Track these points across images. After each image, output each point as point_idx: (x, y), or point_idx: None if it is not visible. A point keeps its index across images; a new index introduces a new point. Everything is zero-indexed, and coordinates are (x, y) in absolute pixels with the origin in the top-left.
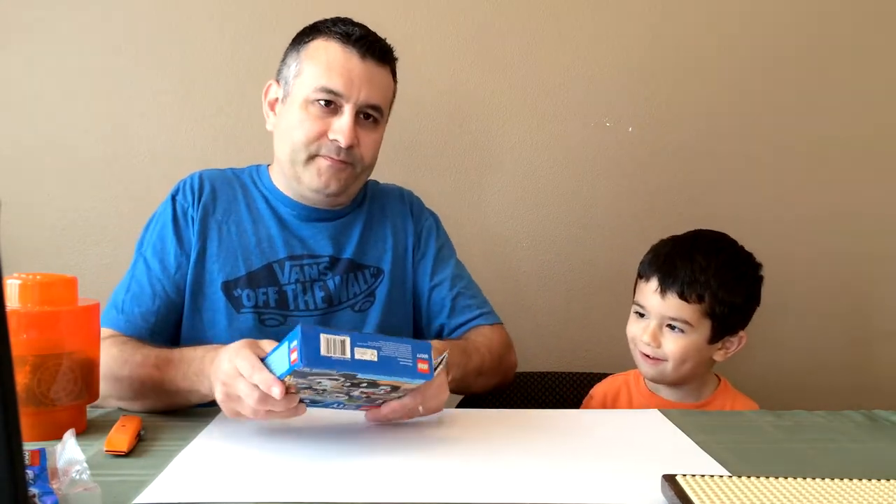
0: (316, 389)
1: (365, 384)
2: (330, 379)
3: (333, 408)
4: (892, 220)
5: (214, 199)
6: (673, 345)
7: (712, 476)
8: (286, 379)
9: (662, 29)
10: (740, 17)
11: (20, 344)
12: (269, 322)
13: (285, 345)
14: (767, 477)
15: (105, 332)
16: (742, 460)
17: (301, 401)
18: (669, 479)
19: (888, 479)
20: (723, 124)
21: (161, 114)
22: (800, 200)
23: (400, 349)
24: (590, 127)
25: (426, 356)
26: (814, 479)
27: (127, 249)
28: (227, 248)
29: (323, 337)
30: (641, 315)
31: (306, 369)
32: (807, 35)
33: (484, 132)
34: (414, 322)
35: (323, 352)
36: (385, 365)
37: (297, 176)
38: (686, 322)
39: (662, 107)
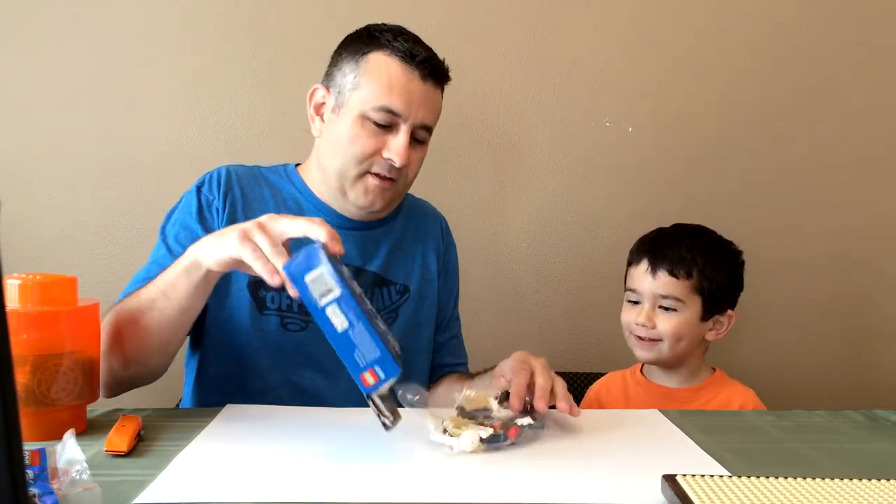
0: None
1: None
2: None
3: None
4: (892, 221)
5: (243, 196)
6: (667, 323)
7: (712, 476)
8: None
9: (663, 29)
10: (741, 17)
11: (20, 344)
12: (290, 326)
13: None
14: (767, 477)
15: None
16: (742, 460)
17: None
18: (669, 479)
19: (888, 479)
20: (723, 124)
21: (161, 114)
22: (800, 200)
23: (368, 347)
24: (590, 127)
25: (383, 376)
26: (814, 479)
27: (127, 249)
28: None
29: (318, 271)
30: (634, 302)
31: (288, 279)
32: (808, 35)
33: (483, 132)
34: None
35: (307, 279)
36: (341, 344)
37: (342, 189)
38: (677, 299)
39: (662, 107)
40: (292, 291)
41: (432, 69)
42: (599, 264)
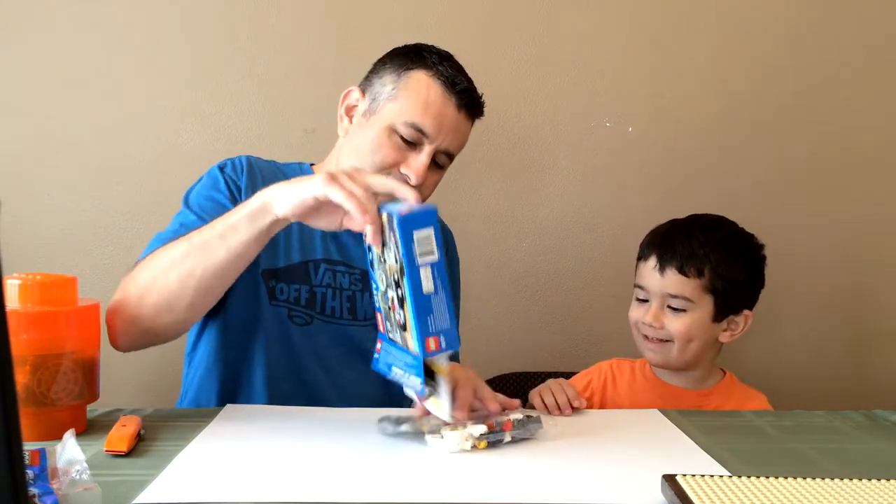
0: (383, 255)
1: (397, 301)
2: (394, 256)
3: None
4: (892, 222)
5: (265, 184)
6: (676, 324)
7: (712, 476)
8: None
9: (662, 29)
10: (741, 17)
11: (20, 344)
12: (296, 320)
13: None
14: (767, 477)
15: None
16: (742, 460)
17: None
18: (669, 479)
19: (888, 479)
20: (723, 125)
21: (161, 114)
22: (800, 200)
23: (442, 316)
24: (590, 127)
25: (444, 346)
26: (814, 479)
27: (127, 249)
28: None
29: (430, 231)
30: (643, 300)
31: (397, 226)
32: (808, 35)
33: (483, 132)
34: None
35: (416, 234)
36: (421, 304)
37: None
38: (686, 299)
39: (662, 107)
40: (374, 238)
41: (469, 100)
42: (599, 264)
